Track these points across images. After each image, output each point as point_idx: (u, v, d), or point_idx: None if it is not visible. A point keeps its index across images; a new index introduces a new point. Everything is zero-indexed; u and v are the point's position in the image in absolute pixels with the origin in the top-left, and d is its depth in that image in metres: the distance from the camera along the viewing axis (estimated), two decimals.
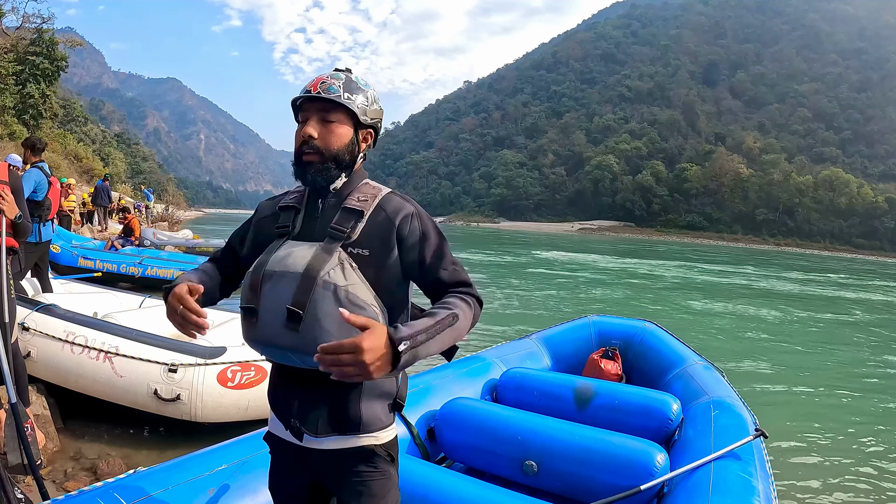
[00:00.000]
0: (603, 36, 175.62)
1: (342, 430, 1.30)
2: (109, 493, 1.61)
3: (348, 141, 1.34)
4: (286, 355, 1.26)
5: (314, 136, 1.31)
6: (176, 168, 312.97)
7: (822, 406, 6.00)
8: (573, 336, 3.84)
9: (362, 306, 1.21)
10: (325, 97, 1.31)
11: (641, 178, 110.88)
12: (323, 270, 1.22)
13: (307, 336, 1.20)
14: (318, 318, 1.20)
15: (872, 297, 19.48)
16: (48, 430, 3.33)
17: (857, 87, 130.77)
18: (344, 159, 1.34)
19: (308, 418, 1.30)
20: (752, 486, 1.98)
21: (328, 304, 1.20)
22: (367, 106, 1.36)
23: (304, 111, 1.35)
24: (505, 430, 2.49)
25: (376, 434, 1.33)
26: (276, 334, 1.25)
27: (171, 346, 3.66)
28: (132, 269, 9.17)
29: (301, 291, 1.22)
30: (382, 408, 1.34)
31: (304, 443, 1.33)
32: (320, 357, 1.04)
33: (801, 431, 5.05)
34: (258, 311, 1.27)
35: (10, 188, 3.06)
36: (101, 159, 47.30)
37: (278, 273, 1.26)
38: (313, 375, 1.23)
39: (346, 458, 1.33)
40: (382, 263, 1.28)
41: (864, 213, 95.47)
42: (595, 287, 16.22)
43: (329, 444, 1.32)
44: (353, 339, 1.03)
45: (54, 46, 30.21)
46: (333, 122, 1.32)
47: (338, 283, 1.21)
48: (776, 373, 7.24)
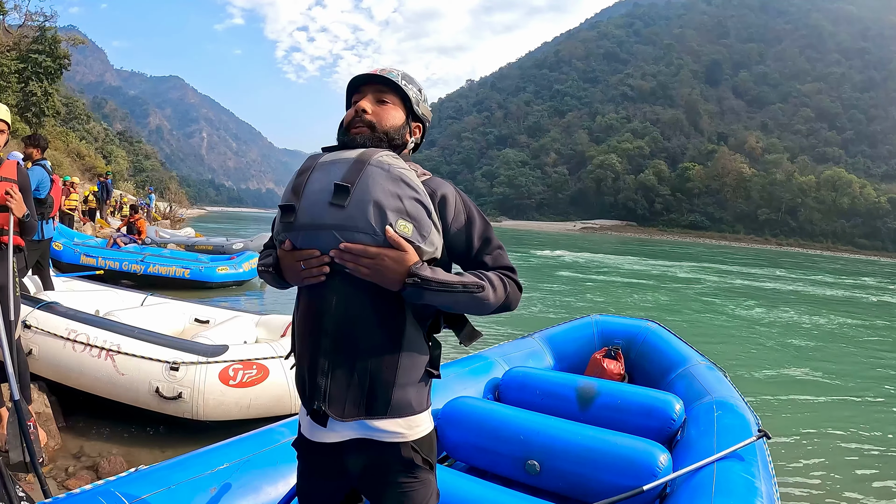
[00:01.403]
0: (606, 35, 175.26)
1: (370, 411, 1.23)
2: (111, 492, 1.61)
3: (401, 123, 1.34)
4: (328, 236, 1.16)
5: (367, 111, 1.30)
6: (178, 166, 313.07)
7: (825, 407, 5.99)
8: (576, 335, 3.84)
9: (414, 188, 1.17)
10: (384, 77, 1.33)
11: (644, 178, 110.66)
12: (376, 155, 1.20)
13: (354, 209, 1.14)
14: (368, 190, 1.14)
15: (874, 298, 19.43)
16: (49, 427, 3.33)
17: (860, 87, 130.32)
18: (395, 138, 1.32)
19: (335, 396, 1.23)
20: (755, 487, 1.98)
21: (378, 178, 1.16)
22: (420, 99, 1.38)
23: (358, 93, 1.36)
24: (507, 429, 2.48)
25: (408, 423, 1.27)
26: (318, 213, 1.17)
27: (173, 345, 3.67)
28: (134, 266, 9.19)
29: (352, 170, 1.17)
30: (416, 389, 1.27)
31: (328, 430, 1.26)
32: (339, 253, 1.14)
33: (803, 432, 5.04)
34: (299, 203, 1.20)
35: (19, 186, 3.07)
36: (104, 157, 47.40)
37: (328, 162, 1.23)
38: (345, 332, 1.21)
39: (384, 462, 1.28)
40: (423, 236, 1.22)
41: (866, 213, 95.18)
42: (597, 286, 16.21)
43: (354, 432, 1.26)
44: (380, 249, 1.13)
45: (57, 44, 30.27)
46: (388, 102, 1.33)
47: (391, 163, 1.18)
48: (779, 373, 7.23)
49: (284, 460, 1.96)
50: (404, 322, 1.24)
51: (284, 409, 3.60)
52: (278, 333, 4.67)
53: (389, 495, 1.29)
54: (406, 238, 1.14)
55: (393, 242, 1.13)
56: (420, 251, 1.17)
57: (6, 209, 2.96)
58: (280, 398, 3.63)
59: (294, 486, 1.81)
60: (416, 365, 1.26)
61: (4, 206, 2.96)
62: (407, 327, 1.24)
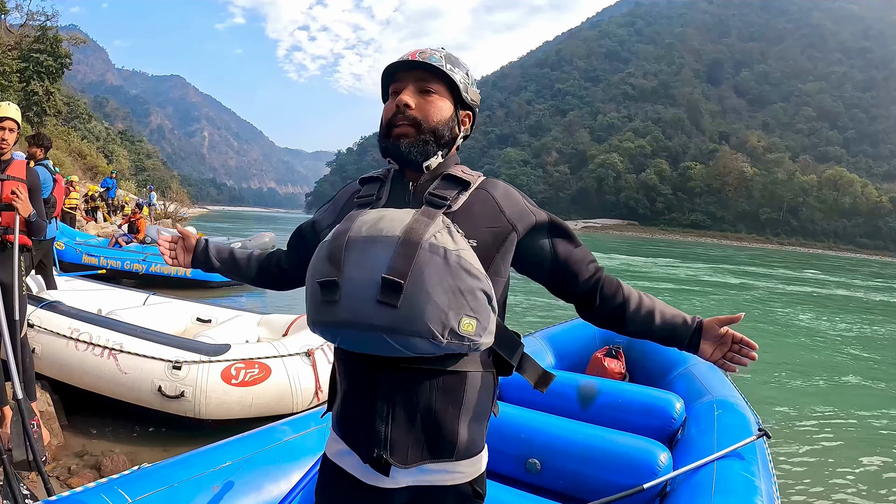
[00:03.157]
0: (607, 34, 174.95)
1: (434, 454, 1.08)
2: (113, 490, 1.61)
3: (449, 116, 1.16)
4: (377, 339, 1.00)
5: (410, 105, 1.12)
6: (179, 165, 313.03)
7: (825, 406, 5.99)
8: (577, 334, 3.84)
9: (476, 275, 1.00)
10: (425, 64, 1.13)
11: (645, 177, 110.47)
12: (427, 233, 1.00)
13: (409, 310, 0.96)
14: (425, 288, 0.96)
15: (875, 298, 19.40)
16: (52, 426, 3.35)
17: (861, 87, 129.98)
18: (443, 135, 1.15)
19: (398, 444, 1.07)
20: (755, 486, 1.98)
21: (436, 270, 0.97)
22: (468, 84, 1.19)
23: (397, 82, 1.17)
24: (508, 428, 2.49)
25: (471, 462, 1.13)
26: (365, 312, 0.98)
27: (176, 344, 3.68)
28: (136, 265, 9.20)
29: (401, 257, 0.98)
30: (479, 428, 1.14)
31: (390, 477, 1.09)
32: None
33: (803, 432, 5.04)
34: (340, 286, 1.01)
35: (28, 186, 3.09)
36: (105, 157, 47.47)
37: (367, 238, 1.02)
38: (408, 379, 1.05)
39: (438, 501, 1.12)
40: (488, 249, 1.08)
41: (868, 212, 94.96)
42: None
43: (414, 477, 1.09)
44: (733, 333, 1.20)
45: (58, 44, 30.32)
46: (433, 92, 1.14)
47: (448, 247, 0.99)
48: (779, 373, 7.22)
49: (286, 458, 1.97)
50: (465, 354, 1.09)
51: (286, 407, 3.62)
52: (280, 333, 4.68)
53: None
54: (468, 337, 1.00)
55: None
56: (480, 347, 1.04)
57: (12, 208, 2.97)
58: (282, 397, 3.64)
59: (296, 485, 1.82)
60: (481, 396, 1.14)
61: (11, 206, 2.97)
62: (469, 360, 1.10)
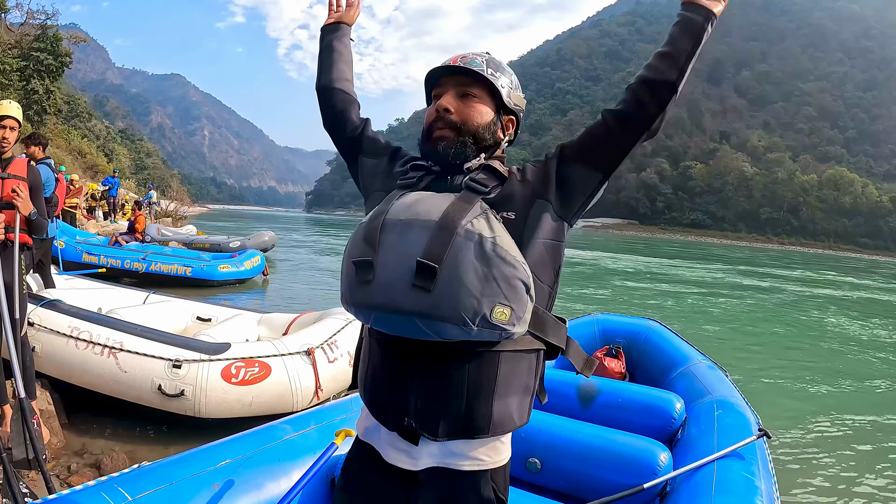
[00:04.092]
0: (608, 33, 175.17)
1: (464, 431, 1.08)
2: (113, 488, 1.61)
3: (490, 120, 1.18)
4: (409, 322, 1.01)
5: (450, 110, 1.15)
6: (180, 164, 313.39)
7: (826, 407, 5.98)
8: (577, 334, 3.83)
9: (512, 263, 1.00)
10: (466, 69, 1.16)
11: (646, 176, 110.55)
12: (464, 219, 1.02)
13: (442, 296, 0.98)
14: (458, 274, 0.98)
15: (876, 298, 19.41)
16: (52, 425, 3.35)
17: (862, 87, 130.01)
18: (484, 138, 1.17)
19: (428, 414, 1.08)
20: (755, 487, 1.98)
21: (470, 257, 0.98)
22: (512, 89, 1.21)
23: (439, 86, 1.20)
24: None
25: (493, 448, 1.13)
26: (398, 295, 1.00)
27: (176, 342, 3.68)
28: (136, 264, 9.20)
29: (436, 242, 0.99)
30: (516, 407, 1.12)
31: (414, 457, 1.12)
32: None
33: (804, 432, 5.04)
34: (375, 267, 1.03)
35: (30, 185, 3.09)
36: (105, 155, 47.44)
37: (404, 222, 1.04)
38: (437, 352, 1.05)
39: (458, 499, 1.13)
40: (531, 224, 1.10)
41: (868, 212, 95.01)
42: (599, 285, 16.19)
43: (437, 459, 1.12)
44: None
45: (58, 42, 30.28)
46: (474, 97, 1.17)
47: (483, 234, 1.00)
48: (780, 373, 7.22)
49: (287, 457, 1.97)
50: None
51: (287, 406, 3.61)
52: (280, 331, 4.68)
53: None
54: (502, 325, 1.00)
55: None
56: (514, 335, 1.04)
57: (13, 207, 2.97)
58: (282, 396, 3.64)
59: (296, 484, 1.82)
60: (518, 369, 1.12)
61: (11, 204, 2.97)
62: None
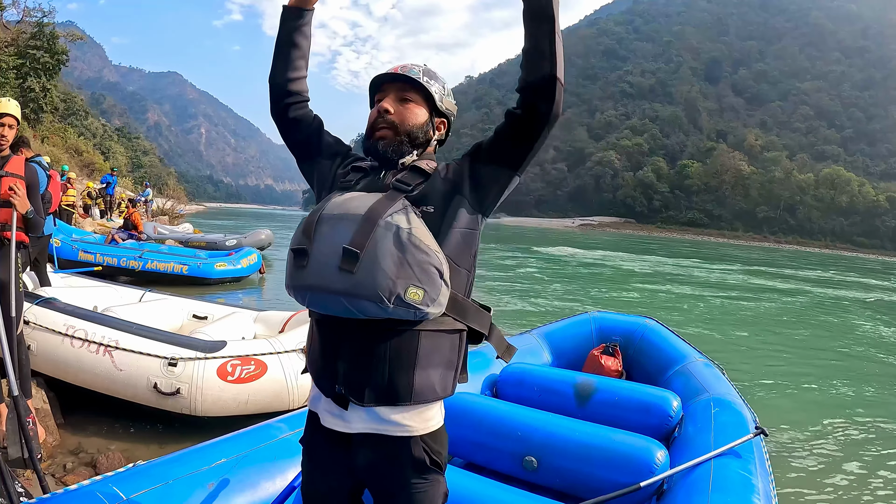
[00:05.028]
0: (605, 32, 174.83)
1: (387, 399, 1.21)
2: (109, 487, 1.61)
3: (423, 121, 1.36)
4: (336, 301, 1.17)
5: (390, 111, 1.33)
6: (177, 162, 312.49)
7: (823, 404, 6.00)
8: (574, 332, 3.84)
9: (425, 251, 1.15)
10: (405, 76, 1.35)
11: (643, 175, 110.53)
12: (386, 213, 1.17)
13: (363, 277, 1.13)
14: (377, 258, 1.13)
15: (871, 297, 19.46)
16: (48, 423, 3.33)
17: (859, 86, 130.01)
18: (417, 137, 1.35)
19: (355, 381, 1.21)
20: (752, 484, 1.98)
21: (388, 245, 1.14)
22: (444, 95, 1.40)
23: (381, 92, 1.39)
24: (505, 425, 2.49)
25: (421, 415, 1.25)
26: (327, 277, 1.16)
27: (171, 340, 3.67)
28: (132, 262, 9.17)
29: (360, 232, 1.16)
30: (438, 379, 1.24)
31: (349, 413, 1.24)
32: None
33: (800, 430, 5.05)
34: (309, 253, 1.20)
35: (26, 183, 3.08)
36: (102, 153, 47.24)
37: (336, 216, 1.21)
38: (364, 329, 1.19)
39: (393, 460, 1.26)
40: (449, 217, 1.24)
41: (865, 211, 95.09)
42: (595, 283, 16.21)
43: (367, 424, 1.24)
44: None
45: (55, 40, 30.14)
46: (410, 101, 1.35)
47: (400, 225, 1.16)
48: (777, 371, 7.23)
49: (282, 456, 1.97)
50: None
51: (283, 404, 3.61)
52: (276, 329, 4.67)
53: (397, 496, 1.28)
54: (415, 305, 1.14)
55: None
56: (427, 315, 1.17)
57: (10, 205, 2.96)
58: (278, 394, 3.63)
59: (291, 482, 1.82)
60: (439, 346, 1.23)
61: (8, 202, 2.96)
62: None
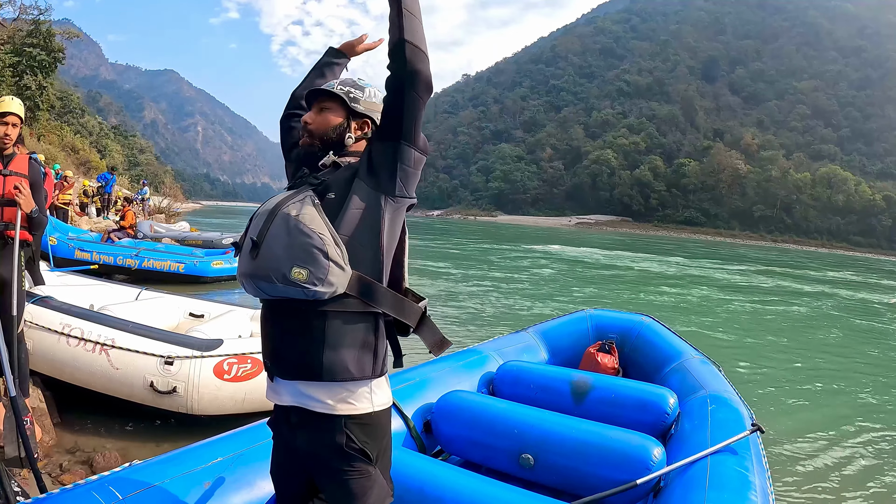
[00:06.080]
0: (602, 30, 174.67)
1: (304, 375, 1.34)
2: (105, 487, 1.60)
3: (336, 124, 1.50)
4: (248, 283, 1.37)
5: (308, 122, 1.51)
6: (173, 160, 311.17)
7: (819, 401, 6.02)
8: (570, 329, 3.84)
9: (308, 234, 1.29)
10: (321, 89, 1.53)
11: (639, 173, 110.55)
12: (285, 206, 1.35)
13: (260, 261, 1.33)
14: (270, 244, 1.32)
15: (870, 296, 19.52)
16: (44, 423, 3.32)
17: (856, 85, 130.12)
18: (330, 138, 1.50)
19: (277, 357, 1.38)
20: (749, 481, 1.98)
21: (278, 231, 1.32)
22: (363, 98, 1.53)
23: (311, 106, 1.56)
24: (501, 423, 2.49)
25: (340, 395, 1.33)
26: (244, 264, 1.38)
27: (168, 339, 3.66)
28: (129, 261, 9.15)
29: (264, 224, 1.35)
30: (350, 360, 1.33)
31: (278, 386, 1.40)
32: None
33: (797, 426, 5.07)
34: (241, 246, 1.43)
35: (30, 182, 3.07)
36: (98, 151, 47.12)
37: (258, 214, 1.42)
38: (281, 309, 1.36)
39: (321, 441, 1.35)
40: (348, 201, 1.36)
41: (861, 210, 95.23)
42: (592, 281, 16.23)
43: (293, 398, 1.36)
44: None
45: (51, 38, 29.99)
46: (327, 109, 1.51)
47: (290, 213, 1.32)
48: (773, 368, 7.26)
49: None
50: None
51: None
52: None
53: (330, 483, 1.39)
54: (300, 283, 1.28)
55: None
56: (317, 294, 1.29)
57: (14, 204, 2.95)
58: None
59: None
60: (349, 327, 1.34)
61: (13, 201, 2.95)
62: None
